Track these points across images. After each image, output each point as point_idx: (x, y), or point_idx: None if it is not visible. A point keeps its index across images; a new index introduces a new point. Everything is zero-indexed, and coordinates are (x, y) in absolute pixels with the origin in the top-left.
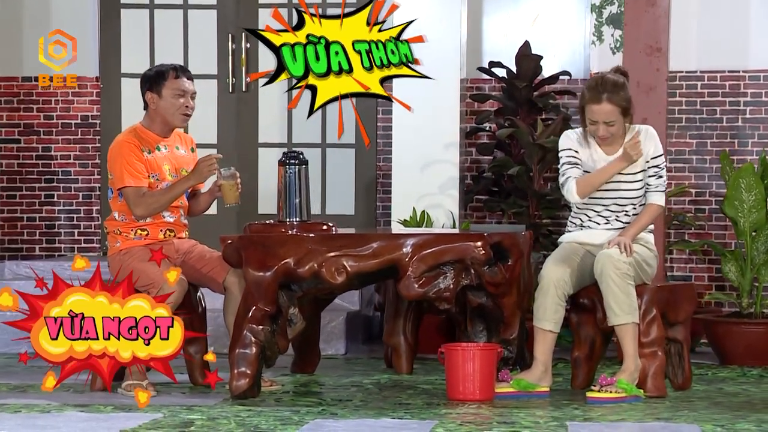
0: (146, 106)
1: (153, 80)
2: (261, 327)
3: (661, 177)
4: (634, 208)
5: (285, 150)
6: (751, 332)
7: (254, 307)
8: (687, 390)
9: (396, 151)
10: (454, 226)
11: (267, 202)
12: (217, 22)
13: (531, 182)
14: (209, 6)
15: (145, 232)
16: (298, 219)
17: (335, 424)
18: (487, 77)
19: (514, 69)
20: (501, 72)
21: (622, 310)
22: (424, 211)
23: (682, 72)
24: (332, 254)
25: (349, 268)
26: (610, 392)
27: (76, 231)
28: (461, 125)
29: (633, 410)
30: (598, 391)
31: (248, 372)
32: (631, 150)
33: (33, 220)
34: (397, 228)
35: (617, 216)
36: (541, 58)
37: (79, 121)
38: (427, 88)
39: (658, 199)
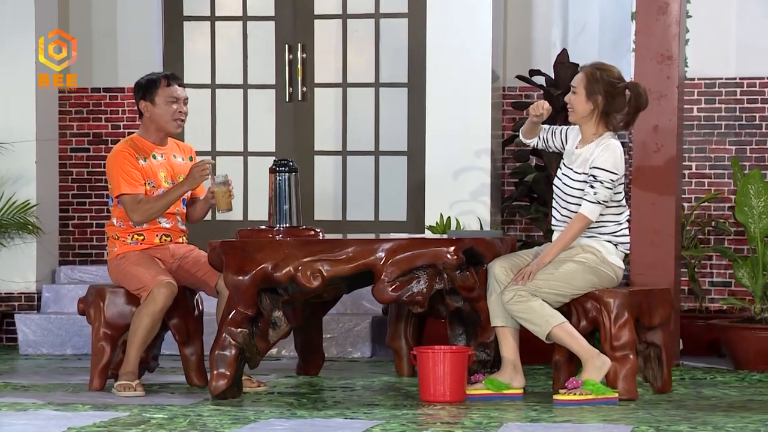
0: (141, 115)
1: (145, 89)
2: (239, 330)
3: (593, 188)
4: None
5: (275, 158)
6: (763, 337)
7: (234, 311)
8: (666, 393)
9: (429, 158)
10: None
11: (323, 208)
12: (274, 33)
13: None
14: (267, 17)
15: (142, 237)
16: (287, 225)
17: (283, 423)
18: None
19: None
20: (540, 80)
21: (539, 324)
22: (449, 217)
23: (721, 79)
24: (308, 259)
25: (324, 273)
26: (575, 394)
27: None
28: (497, 132)
29: (589, 412)
30: (566, 393)
31: (227, 373)
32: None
33: (101, 226)
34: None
35: (570, 215)
36: (577, 66)
37: None
38: (459, 96)
39: (584, 208)
